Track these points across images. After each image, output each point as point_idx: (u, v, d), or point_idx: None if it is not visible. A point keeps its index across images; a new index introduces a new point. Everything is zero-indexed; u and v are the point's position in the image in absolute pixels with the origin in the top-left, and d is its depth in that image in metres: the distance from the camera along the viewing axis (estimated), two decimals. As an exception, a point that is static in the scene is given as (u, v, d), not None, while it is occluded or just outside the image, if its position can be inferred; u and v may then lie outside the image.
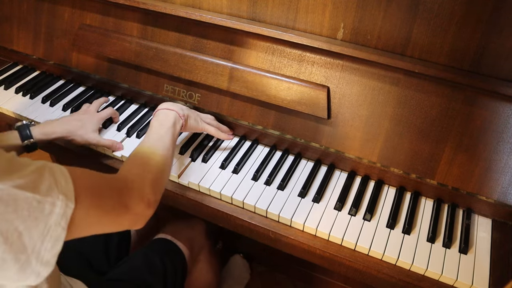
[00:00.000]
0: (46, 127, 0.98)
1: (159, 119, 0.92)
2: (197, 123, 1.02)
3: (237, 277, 1.56)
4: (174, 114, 0.94)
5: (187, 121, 0.98)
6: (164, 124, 0.91)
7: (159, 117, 0.93)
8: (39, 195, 0.53)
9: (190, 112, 1.01)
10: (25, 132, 0.95)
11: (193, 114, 1.03)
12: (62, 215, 0.55)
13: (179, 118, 0.95)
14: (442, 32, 0.88)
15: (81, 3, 1.21)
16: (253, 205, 0.94)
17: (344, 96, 0.98)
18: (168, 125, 0.91)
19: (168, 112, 0.94)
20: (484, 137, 0.89)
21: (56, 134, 0.99)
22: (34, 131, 0.96)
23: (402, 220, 0.93)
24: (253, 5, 1.04)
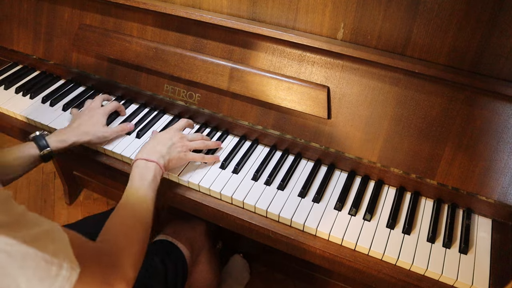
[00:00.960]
0: (61, 135, 1.00)
1: (139, 172, 0.89)
2: (180, 159, 0.98)
3: (237, 277, 1.56)
4: (154, 166, 0.90)
5: (169, 164, 0.95)
6: (145, 179, 0.88)
7: (139, 169, 0.90)
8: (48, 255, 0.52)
9: (171, 151, 0.96)
10: (42, 142, 0.97)
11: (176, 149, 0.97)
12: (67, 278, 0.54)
13: (160, 170, 0.91)
14: (442, 32, 0.88)
15: (81, 3, 1.21)
16: (253, 205, 0.94)
17: (344, 96, 0.98)
18: (149, 179, 0.88)
19: (147, 165, 0.90)
20: (484, 137, 0.89)
21: (71, 139, 1.01)
22: (50, 140, 0.98)
23: (402, 220, 0.93)
24: (253, 5, 1.04)
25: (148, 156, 0.92)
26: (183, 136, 1.01)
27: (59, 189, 2.02)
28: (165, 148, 0.95)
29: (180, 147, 0.98)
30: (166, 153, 0.95)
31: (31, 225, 0.53)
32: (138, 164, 0.91)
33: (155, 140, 0.98)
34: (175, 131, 1.01)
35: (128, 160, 1.05)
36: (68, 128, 1.03)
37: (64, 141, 0.99)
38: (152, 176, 0.89)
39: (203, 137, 1.06)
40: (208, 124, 1.15)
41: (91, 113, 1.07)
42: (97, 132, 1.04)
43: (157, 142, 0.97)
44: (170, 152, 0.95)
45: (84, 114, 1.07)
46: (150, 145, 0.96)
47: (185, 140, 1.01)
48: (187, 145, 1.00)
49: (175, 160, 0.96)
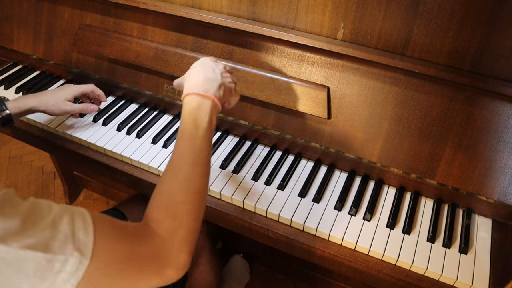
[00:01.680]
0: (20, 100, 1.02)
1: (192, 115, 0.72)
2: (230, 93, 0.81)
3: (237, 277, 1.56)
4: (210, 104, 0.73)
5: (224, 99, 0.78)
6: (199, 125, 0.71)
7: (192, 111, 0.72)
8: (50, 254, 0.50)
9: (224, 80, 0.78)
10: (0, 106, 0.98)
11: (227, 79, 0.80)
12: (73, 272, 0.51)
13: (216, 108, 0.74)
14: (442, 32, 0.88)
15: (81, 3, 1.21)
16: (253, 205, 0.94)
17: (344, 96, 0.98)
18: (205, 124, 0.71)
19: (202, 102, 0.72)
20: (484, 137, 0.89)
21: (29, 104, 1.02)
22: (8, 104, 1.00)
23: (402, 220, 0.93)
24: (253, 5, 1.04)
25: (203, 90, 0.73)
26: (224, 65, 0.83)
27: (59, 189, 2.02)
28: (219, 75, 0.77)
29: (229, 76, 0.81)
30: (221, 81, 0.77)
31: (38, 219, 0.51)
32: (190, 101, 0.73)
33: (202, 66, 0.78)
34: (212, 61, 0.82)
35: (128, 160, 1.05)
36: (30, 95, 1.04)
37: (23, 104, 1.01)
38: (208, 120, 0.72)
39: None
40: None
41: (62, 87, 1.09)
42: (58, 103, 1.04)
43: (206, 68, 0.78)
44: (224, 82, 0.78)
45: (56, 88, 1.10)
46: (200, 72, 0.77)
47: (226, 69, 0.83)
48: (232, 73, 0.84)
49: (227, 93, 0.79)
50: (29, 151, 2.24)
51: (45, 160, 2.17)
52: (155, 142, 1.09)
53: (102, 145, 1.07)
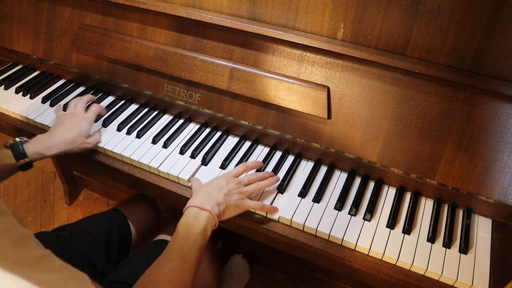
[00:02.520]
0: (40, 145, 0.95)
1: (188, 221, 0.81)
2: (237, 208, 0.89)
3: (237, 277, 1.56)
4: (206, 216, 0.81)
5: (224, 214, 0.86)
6: (192, 230, 0.79)
7: (188, 218, 0.81)
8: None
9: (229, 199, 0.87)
10: (18, 151, 0.92)
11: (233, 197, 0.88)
12: None
13: (213, 220, 0.83)
14: (442, 32, 0.88)
15: (81, 3, 1.21)
16: (253, 205, 0.94)
17: (344, 96, 0.98)
18: (197, 232, 0.79)
19: (199, 213, 0.82)
20: (484, 137, 0.89)
21: (52, 151, 0.97)
22: (28, 149, 0.93)
23: (402, 220, 0.93)
24: (253, 5, 1.04)
25: (201, 203, 0.83)
26: (239, 181, 0.91)
27: (59, 189, 2.02)
28: (222, 195, 0.86)
29: (238, 194, 0.89)
30: (223, 201, 0.86)
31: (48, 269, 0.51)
32: (188, 212, 0.83)
33: (210, 186, 0.89)
34: (231, 177, 0.91)
35: (128, 160, 1.05)
36: (49, 138, 0.97)
37: (43, 154, 0.95)
38: (202, 229, 0.80)
39: (258, 177, 0.95)
40: (208, 124, 1.15)
41: (75, 121, 1.02)
42: (81, 144, 1.00)
43: (212, 187, 0.88)
44: (227, 200, 0.87)
45: (67, 120, 1.02)
46: (205, 191, 0.87)
47: (242, 186, 0.91)
48: (244, 191, 0.90)
49: (231, 209, 0.88)
50: (29, 151, 2.24)
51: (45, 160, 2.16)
52: (155, 142, 1.09)
53: (102, 145, 1.07)
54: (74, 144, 0.99)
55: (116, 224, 1.14)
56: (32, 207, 1.96)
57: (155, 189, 1.03)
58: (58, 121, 1.03)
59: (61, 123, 1.02)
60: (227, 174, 0.92)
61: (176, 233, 0.79)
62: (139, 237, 1.22)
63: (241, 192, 0.90)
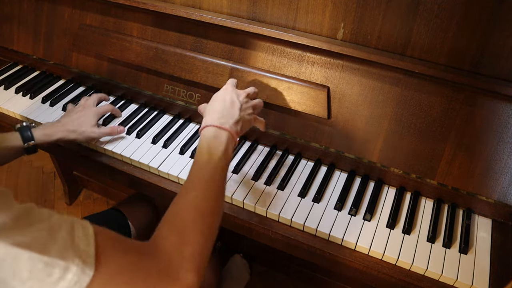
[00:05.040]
0: (47, 129, 0.99)
1: (208, 143, 0.75)
2: (249, 123, 0.86)
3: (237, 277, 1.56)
4: (226, 136, 0.76)
5: (241, 131, 0.82)
6: (214, 152, 0.74)
7: (208, 140, 0.76)
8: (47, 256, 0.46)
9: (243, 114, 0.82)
10: (26, 134, 0.94)
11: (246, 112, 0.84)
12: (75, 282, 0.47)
13: (233, 139, 0.78)
14: (442, 32, 0.88)
15: (81, 3, 1.21)
16: (253, 205, 0.94)
17: (344, 96, 0.98)
18: (219, 153, 0.74)
19: (219, 133, 0.76)
20: (484, 137, 0.89)
21: (57, 135, 0.99)
22: (35, 132, 0.96)
23: (402, 220, 0.93)
24: (253, 5, 1.04)
25: (220, 122, 0.77)
26: (247, 93, 0.87)
27: (59, 189, 2.02)
28: (237, 111, 0.81)
29: (249, 108, 0.85)
30: (239, 117, 0.80)
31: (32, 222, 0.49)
32: (207, 132, 0.76)
33: (222, 101, 0.82)
34: (235, 89, 0.86)
35: (128, 160, 1.05)
36: (56, 123, 1.02)
37: (50, 135, 0.98)
38: (224, 149, 0.74)
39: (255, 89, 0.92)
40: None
41: (83, 111, 1.06)
42: (85, 131, 1.02)
43: (225, 103, 0.81)
44: (242, 116, 0.82)
45: (76, 111, 1.06)
46: (219, 107, 0.80)
47: (249, 98, 0.87)
48: (254, 104, 0.87)
49: (246, 125, 0.83)
50: (29, 151, 2.24)
51: (45, 160, 2.17)
52: (155, 142, 1.09)
53: (101, 145, 1.07)
54: (78, 131, 1.01)
55: (116, 224, 1.14)
56: (32, 207, 1.95)
57: (155, 189, 1.03)
58: (67, 112, 1.08)
59: (69, 112, 1.06)
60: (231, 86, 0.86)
61: (197, 158, 0.74)
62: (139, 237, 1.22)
63: (252, 106, 0.86)
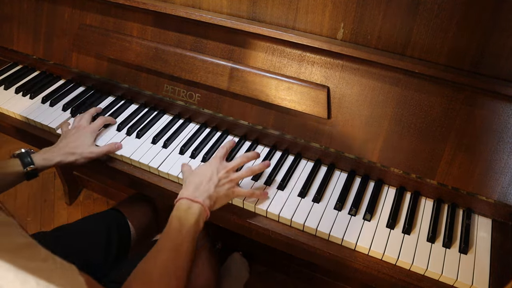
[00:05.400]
0: (46, 153, 1.00)
1: (180, 213, 0.81)
2: (228, 197, 0.90)
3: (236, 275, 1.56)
4: (198, 208, 0.81)
5: (215, 205, 0.87)
6: (185, 223, 0.79)
7: (181, 210, 0.81)
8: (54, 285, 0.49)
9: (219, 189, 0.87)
10: (26, 160, 0.96)
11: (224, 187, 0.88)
12: None
13: (205, 212, 0.83)
14: (442, 32, 0.88)
15: (81, 3, 1.21)
16: (253, 205, 0.94)
17: (344, 96, 0.98)
18: (190, 223, 0.79)
19: (191, 205, 0.82)
20: (484, 137, 0.89)
21: (56, 159, 1.00)
22: (35, 157, 0.97)
23: (402, 220, 0.93)
24: (253, 5, 1.04)
25: (194, 196, 0.83)
26: (228, 168, 0.90)
27: (59, 189, 2.02)
28: (212, 187, 0.86)
29: (228, 183, 0.89)
30: (214, 192, 0.86)
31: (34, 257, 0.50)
32: (180, 205, 0.83)
33: (199, 175, 0.88)
34: (219, 162, 0.91)
35: (128, 160, 1.05)
36: (54, 147, 1.02)
37: (49, 160, 0.99)
38: (194, 221, 0.80)
39: (247, 157, 0.94)
40: (208, 124, 1.15)
41: (78, 132, 1.05)
42: (83, 153, 1.01)
43: (202, 178, 0.87)
44: (218, 191, 0.86)
45: (71, 134, 1.05)
46: (195, 182, 0.86)
47: (231, 173, 0.90)
48: (234, 178, 0.90)
49: (222, 199, 0.88)
50: (29, 151, 2.24)
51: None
52: (155, 142, 1.09)
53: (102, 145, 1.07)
54: (76, 154, 1.01)
55: (116, 224, 1.14)
56: (32, 207, 1.96)
57: (155, 189, 1.03)
58: (63, 135, 1.06)
59: (65, 136, 1.05)
60: (215, 160, 0.92)
61: (169, 225, 0.79)
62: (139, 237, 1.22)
63: (232, 180, 0.89)
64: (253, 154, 0.95)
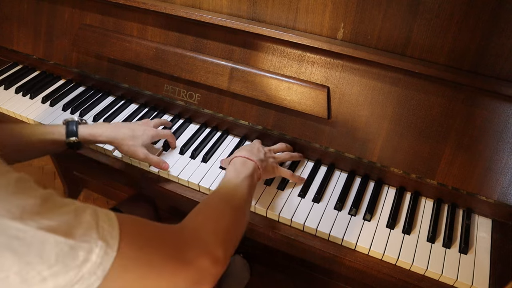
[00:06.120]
0: (95, 129, 0.95)
1: (235, 167, 0.84)
2: (273, 170, 0.94)
3: (237, 277, 1.56)
4: (252, 165, 0.86)
5: (264, 172, 0.90)
6: (241, 173, 0.82)
7: (236, 165, 0.85)
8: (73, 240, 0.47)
9: (267, 159, 0.92)
10: (71, 128, 0.91)
11: (269, 159, 0.93)
12: (99, 264, 0.49)
13: (257, 169, 0.86)
14: (442, 32, 0.88)
15: (81, 3, 1.21)
16: (253, 205, 0.94)
17: (344, 96, 0.98)
18: (245, 174, 0.82)
19: (246, 161, 0.86)
20: (484, 137, 0.89)
21: (102, 137, 0.95)
22: (81, 129, 0.93)
23: (402, 220, 0.93)
24: (253, 5, 1.04)
25: (248, 155, 0.87)
26: (270, 149, 0.99)
27: (59, 189, 2.02)
28: (262, 155, 0.92)
29: (272, 158, 0.95)
30: (264, 159, 0.91)
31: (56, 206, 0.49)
32: (236, 160, 0.86)
33: (249, 147, 0.94)
34: (260, 144, 0.99)
35: (127, 160, 1.05)
36: (107, 125, 0.97)
37: (95, 135, 0.94)
38: (249, 173, 0.82)
39: (287, 146, 1.03)
40: (208, 124, 1.15)
41: (143, 126, 1.00)
42: (132, 146, 0.95)
43: (252, 148, 0.93)
44: (266, 160, 0.91)
45: (136, 123, 1.02)
46: (247, 149, 0.91)
47: (273, 153, 0.98)
48: (277, 157, 0.98)
49: (269, 170, 0.92)
50: (29, 151, 2.23)
51: (45, 160, 2.17)
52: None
53: (102, 145, 1.07)
54: (124, 142, 0.95)
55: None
56: (32, 207, 1.95)
57: (155, 189, 1.03)
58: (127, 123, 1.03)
59: (128, 123, 1.01)
60: (255, 142, 1.01)
61: (225, 176, 0.82)
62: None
63: (275, 158, 0.97)
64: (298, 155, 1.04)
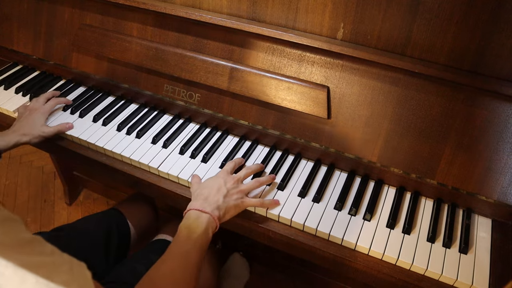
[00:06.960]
0: (4, 136, 1.06)
1: (189, 224, 0.82)
2: (236, 209, 0.90)
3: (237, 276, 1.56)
4: (207, 219, 0.82)
5: (225, 216, 0.87)
6: (193, 230, 0.80)
7: (190, 221, 0.82)
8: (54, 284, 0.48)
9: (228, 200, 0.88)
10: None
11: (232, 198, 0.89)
12: None
13: (213, 222, 0.83)
14: (442, 32, 0.88)
15: (81, 3, 1.21)
16: (253, 205, 0.94)
17: (344, 96, 0.98)
18: (199, 232, 0.80)
19: (200, 216, 0.83)
20: (484, 137, 0.89)
21: (13, 141, 1.06)
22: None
23: (402, 220, 0.93)
24: (253, 5, 1.04)
25: (202, 206, 0.84)
26: (237, 179, 0.92)
27: (59, 189, 2.02)
28: (221, 198, 0.87)
29: (236, 193, 0.90)
30: (223, 202, 0.87)
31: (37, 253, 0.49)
32: (189, 215, 0.84)
33: (208, 187, 0.89)
34: (227, 174, 0.93)
35: (128, 160, 1.05)
36: (9, 130, 1.09)
37: (7, 142, 1.05)
38: (203, 230, 0.80)
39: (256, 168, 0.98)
40: (208, 124, 1.15)
41: (30, 115, 1.11)
42: (35, 133, 1.07)
43: (210, 189, 0.89)
44: (227, 202, 0.87)
45: (24, 116, 1.11)
46: (204, 193, 0.88)
47: (240, 183, 0.92)
48: (243, 190, 0.91)
49: (231, 210, 0.88)
50: (29, 151, 2.24)
51: (45, 160, 2.17)
52: (155, 142, 1.09)
53: (102, 145, 1.07)
54: (29, 134, 1.07)
55: (115, 223, 1.14)
56: (32, 207, 1.96)
57: (155, 189, 1.03)
58: (17, 117, 1.13)
59: (19, 118, 1.12)
60: (224, 172, 0.94)
61: (178, 234, 0.81)
62: (138, 236, 1.22)
63: (240, 191, 0.91)
64: (257, 166, 0.99)
